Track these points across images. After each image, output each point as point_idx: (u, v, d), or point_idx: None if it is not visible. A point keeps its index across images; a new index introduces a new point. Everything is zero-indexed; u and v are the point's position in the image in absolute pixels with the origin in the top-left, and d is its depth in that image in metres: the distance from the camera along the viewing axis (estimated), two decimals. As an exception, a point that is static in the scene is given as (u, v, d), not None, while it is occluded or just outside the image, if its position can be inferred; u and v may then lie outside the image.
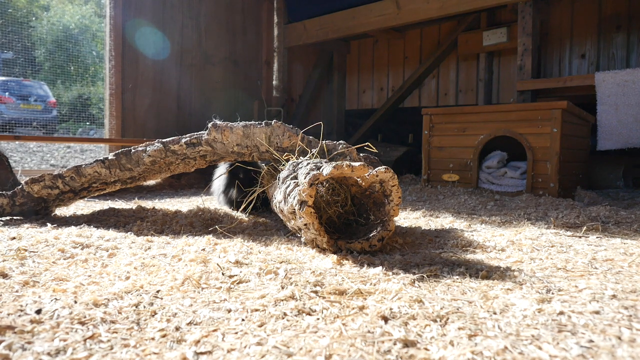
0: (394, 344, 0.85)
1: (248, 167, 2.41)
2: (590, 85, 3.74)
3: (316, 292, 1.14)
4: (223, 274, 1.28)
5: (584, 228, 2.12)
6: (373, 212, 1.76)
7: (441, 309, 1.02)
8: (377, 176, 1.64)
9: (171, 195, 3.90)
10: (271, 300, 1.08)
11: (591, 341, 0.88)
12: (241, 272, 1.31)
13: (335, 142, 2.03)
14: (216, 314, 1.00)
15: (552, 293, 1.17)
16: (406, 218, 2.50)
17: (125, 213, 2.41)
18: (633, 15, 4.30)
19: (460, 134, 3.72)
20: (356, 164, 1.58)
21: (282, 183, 1.75)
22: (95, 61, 9.28)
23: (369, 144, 1.98)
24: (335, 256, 1.50)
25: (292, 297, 1.10)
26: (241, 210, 2.50)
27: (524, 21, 3.88)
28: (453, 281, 1.27)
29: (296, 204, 1.56)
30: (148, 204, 2.81)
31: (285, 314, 1.00)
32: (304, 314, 1.00)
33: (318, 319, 0.97)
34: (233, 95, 5.59)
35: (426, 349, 0.84)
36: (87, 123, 9.29)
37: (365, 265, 1.42)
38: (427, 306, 1.04)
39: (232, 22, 5.57)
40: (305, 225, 1.57)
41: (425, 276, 1.30)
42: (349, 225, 1.86)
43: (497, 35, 4.92)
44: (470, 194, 3.37)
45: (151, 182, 4.48)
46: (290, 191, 1.63)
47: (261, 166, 2.44)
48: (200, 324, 0.95)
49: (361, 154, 2.11)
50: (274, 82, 5.93)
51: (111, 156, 2.21)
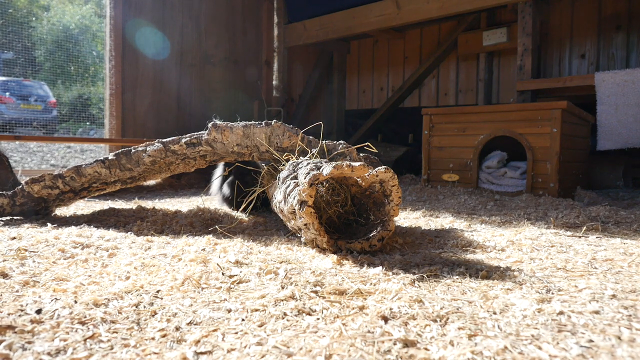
0: (394, 344, 0.85)
1: (248, 167, 2.42)
2: (590, 85, 3.74)
3: (316, 292, 1.14)
4: (223, 274, 1.29)
5: (584, 228, 2.12)
6: (373, 212, 1.76)
7: (441, 309, 1.02)
8: (377, 176, 1.64)
9: (171, 195, 3.90)
10: (271, 300, 1.08)
11: (591, 341, 0.88)
12: (241, 272, 1.31)
13: (335, 142, 2.03)
14: (216, 314, 1.00)
15: (552, 293, 1.17)
16: (406, 218, 2.50)
17: (125, 213, 2.41)
18: (633, 15, 4.30)
19: (460, 134, 3.72)
20: (356, 164, 1.58)
21: (282, 183, 1.76)
22: (95, 61, 9.28)
23: (369, 144, 1.98)
24: (335, 256, 1.50)
25: (292, 297, 1.10)
26: (241, 210, 2.50)
27: (524, 21, 3.89)
28: (453, 281, 1.27)
29: (296, 204, 1.56)
30: (148, 204, 2.81)
31: (285, 314, 1.00)
32: (304, 314, 1.00)
33: (318, 319, 0.98)
34: (233, 95, 5.59)
35: (426, 349, 0.84)
36: (87, 123, 9.28)
37: (365, 265, 1.42)
38: (427, 306, 1.04)
39: (232, 22, 5.57)
40: (305, 225, 1.57)
41: (425, 276, 1.30)
42: (349, 225, 1.86)
43: (497, 35, 4.92)
44: (470, 194, 3.37)
45: (151, 182, 4.48)
46: (290, 191, 1.63)
47: (261, 166, 2.44)
48: (200, 324, 0.95)
49: (361, 154, 2.11)
50: (274, 82, 5.93)
51: (111, 156, 2.21)
